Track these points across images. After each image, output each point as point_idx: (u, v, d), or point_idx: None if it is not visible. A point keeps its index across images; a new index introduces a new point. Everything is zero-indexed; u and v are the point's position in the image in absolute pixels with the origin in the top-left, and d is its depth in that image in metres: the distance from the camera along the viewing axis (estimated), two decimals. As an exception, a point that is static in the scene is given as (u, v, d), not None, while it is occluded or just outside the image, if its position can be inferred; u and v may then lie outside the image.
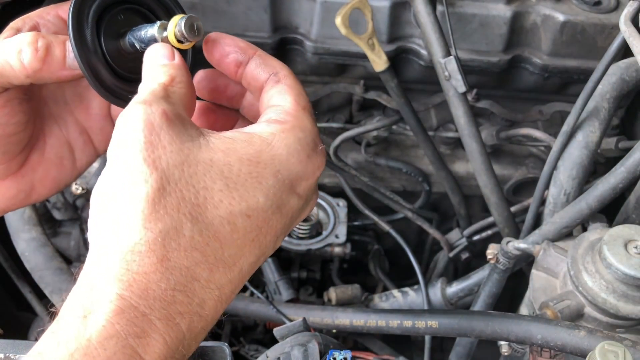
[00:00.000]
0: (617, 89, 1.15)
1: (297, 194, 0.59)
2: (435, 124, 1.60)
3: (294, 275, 1.60)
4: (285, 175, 0.58)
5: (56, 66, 0.65)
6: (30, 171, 0.75)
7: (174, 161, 0.53)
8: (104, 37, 0.66)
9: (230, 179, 0.55)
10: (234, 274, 0.55)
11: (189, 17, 0.63)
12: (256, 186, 0.56)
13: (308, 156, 0.60)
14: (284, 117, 0.61)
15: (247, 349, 1.57)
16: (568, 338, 0.91)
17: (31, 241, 1.26)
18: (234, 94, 0.72)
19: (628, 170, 1.03)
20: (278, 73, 0.65)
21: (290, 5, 1.44)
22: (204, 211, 0.53)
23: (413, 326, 1.10)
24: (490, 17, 1.40)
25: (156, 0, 0.71)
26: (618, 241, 0.92)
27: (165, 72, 0.61)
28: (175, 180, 0.53)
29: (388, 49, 1.42)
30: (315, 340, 1.06)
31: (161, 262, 0.51)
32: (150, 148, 0.53)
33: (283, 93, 0.63)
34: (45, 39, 0.65)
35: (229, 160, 0.55)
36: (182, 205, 0.52)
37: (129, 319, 0.49)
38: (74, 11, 0.64)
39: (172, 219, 0.52)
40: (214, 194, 0.54)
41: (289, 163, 0.58)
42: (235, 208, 0.54)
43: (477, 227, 1.52)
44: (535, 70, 1.47)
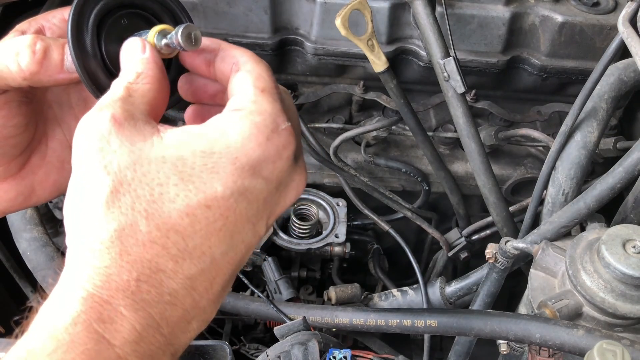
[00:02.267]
0: (615, 90, 1.16)
1: (263, 177, 0.58)
2: (434, 125, 1.60)
3: (294, 275, 1.60)
4: (244, 162, 0.57)
5: (54, 69, 0.66)
6: (31, 174, 0.75)
7: (125, 163, 0.55)
8: (106, 41, 0.66)
9: (185, 172, 0.55)
10: (205, 264, 0.56)
11: (187, 25, 0.63)
12: (213, 176, 0.56)
13: (267, 138, 0.58)
14: (241, 104, 0.60)
15: (248, 347, 1.58)
16: (566, 337, 0.91)
17: (33, 241, 1.27)
18: (214, 92, 0.72)
19: (626, 170, 1.04)
20: (237, 61, 0.65)
21: (291, 7, 1.45)
22: (161, 206, 0.54)
23: (412, 325, 1.11)
24: (489, 18, 1.41)
25: (161, 5, 0.71)
26: (616, 241, 0.92)
27: (132, 68, 0.62)
28: (129, 181, 0.54)
29: (387, 50, 1.43)
30: (315, 339, 1.06)
31: (120, 256, 0.53)
32: (100, 154, 0.55)
33: (241, 80, 0.63)
34: (44, 41, 0.65)
35: (181, 154, 0.56)
36: (136, 204, 0.54)
37: (92, 306, 0.51)
38: (74, 15, 0.64)
39: (127, 217, 0.53)
40: (169, 189, 0.55)
41: (246, 148, 0.57)
42: (193, 200, 0.55)
43: (476, 226, 1.52)
44: (534, 70, 1.48)
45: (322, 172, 1.57)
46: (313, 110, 1.61)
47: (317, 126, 1.54)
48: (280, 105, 0.61)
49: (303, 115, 1.52)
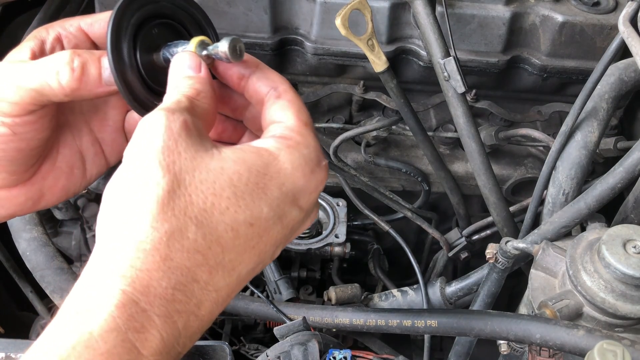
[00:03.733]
0: (615, 90, 1.16)
1: (299, 206, 0.62)
2: (434, 124, 1.60)
3: (294, 275, 1.60)
4: (289, 189, 0.60)
5: (93, 84, 0.67)
6: (41, 179, 0.75)
7: (187, 167, 0.56)
8: (140, 51, 0.68)
9: (238, 188, 0.57)
10: (232, 278, 0.58)
11: (233, 38, 0.64)
12: (261, 196, 0.58)
13: (312, 171, 0.62)
14: (288, 134, 0.63)
15: (248, 348, 1.58)
16: (567, 337, 0.91)
17: (32, 241, 1.27)
18: (237, 106, 0.74)
19: (626, 170, 1.04)
20: (278, 88, 0.67)
21: (290, 6, 1.45)
22: (210, 216, 0.55)
23: (412, 325, 1.11)
24: (489, 17, 1.41)
25: (189, 16, 0.72)
26: (617, 241, 0.92)
27: (192, 85, 0.64)
28: (186, 185, 0.55)
29: (387, 50, 1.43)
30: (315, 340, 1.06)
31: (164, 261, 0.53)
32: (166, 152, 0.56)
33: (285, 109, 0.66)
34: (81, 57, 0.66)
35: (238, 169, 0.58)
36: (189, 209, 0.55)
37: (130, 313, 0.51)
38: (112, 27, 0.64)
39: (178, 221, 0.54)
40: (221, 201, 0.56)
41: (293, 177, 0.60)
42: (240, 216, 0.57)
43: (476, 226, 1.52)
44: (534, 70, 1.48)
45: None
46: (313, 110, 1.60)
47: (317, 126, 1.54)
48: (318, 140, 0.66)
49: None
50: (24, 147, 0.70)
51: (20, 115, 0.67)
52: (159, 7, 0.69)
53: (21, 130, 0.68)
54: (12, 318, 1.73)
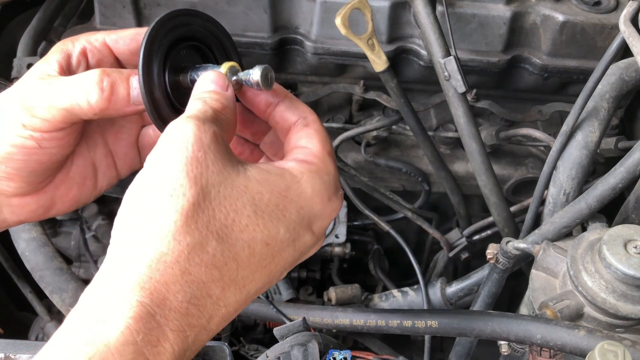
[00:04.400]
0: (616, 89, 1.15)
1: (313, 231, 0.63)
2: (434, 124, 1.60)
3: (293, 275, 1.60)
4: (307, 212, 0.61)
5: (121, 103, 0.68)
6: (53, 188, 0.76)
7: (213, 181, 0.56)
8: (170, 70, 0.69)
9: (259, 207, 0.58)
10: (242, 295, 0.58)
11: (265, 67, 0.66)
12: (280, 218, 0.59)
13: (329, 198, 0.64)
14: (312, 159, 0.65)
15: (247, 348, 1.58)
16: (567, 338, 0.91)
17: (31, 241, 1.26)
18: (257, 130, 0.76)
19: (627, 170, 1.04)
20: (307, 117, 0.69)
21: (290, 6, 1.45)
22: (230, 232, 0.56)
23: (413, 326, 1.11)
24: (489, 17, 1.41)
25: (218, 41, 0.74)
26: (617, 241, 0.92)
27: (218, 99, 0.64)
28: (211, 199, 0.55)
29: (388, 49, 1.43)
30: (315, 340, 1.06)
31: (182, 274, 0.53)
32: (194, 163, 0.56)
33: (311, 136, 0.67)
34: (110, 77, 0.67)
35: (261, 190, 0.59)
36: (211, 223, 0.55)
37: (146, 327, 0.51)
38: (145, 48, 0.65)
39: (201, 235, 0.54)
40: (242, 218, 0.57)
41: (312, 202, 0.62)
42: (258, 235, 0.58)
43: (477, 227, 1.52)
44: (535, 70, 1.47)
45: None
46: (313, 110, 1.60)
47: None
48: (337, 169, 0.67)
49: (303, 115, 1.52)
50: (46, 160, 0.71)
51: (50, 132, 0.68)
52: (191, 30, 0.71)
53: (47, 145, 0.69)
54: (11, 318, 1.73)
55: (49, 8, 1.50)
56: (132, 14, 1.44)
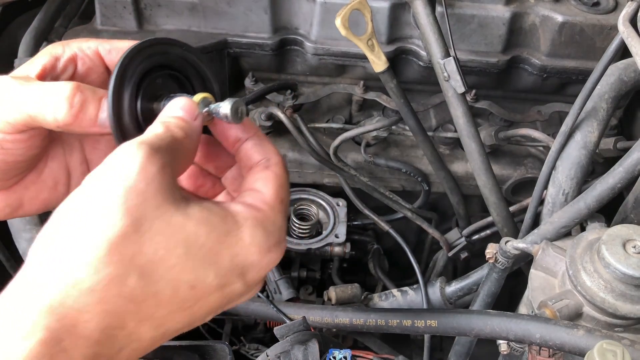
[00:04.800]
0: (615, 90, 1.16)
1: (245, 280, 0.60)
2: (434, 125, 1.60)
3: (294, 275, 1.60)
4: (241, 261, 0.59)
5: (87, 123, 0.65)
6: (22, 189, 0.74)
7: (149, 214, 0.54)
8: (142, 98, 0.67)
9: (192, 249, 0.56)
10: (158, 332, 0.56)
11: (236, 101, 0.65)
12: (212, 262, 0.57)
13: (268, 250, 0.61)
14: (260, 205, 0.62)
15: (248, 348, 1.58)
16: (567, 337, 0.91)
17: (32, 241, 1.25)
18: (221, 164, 0.74)
19: (626, 170, 1.04)
20: (270, 159, 0.67)
21: (290, 6, 1.45)
22: (155, 269, 0.54)
23: (412, 325, 1.11)
24: (489, 18, 1.41)
25: (196, 71, 0.73)
26: (616, 241, 0.92)
27: (183, 127, 0.62)
28: (142, 232, 0.53)
29: (387, 50, 1.43)
30: (315, 339, 1.06)
31: (97, 304, 0.51)
32: (133, 193, 0.54)
33: (268, 180, 0.65)
34: (83, 94, 0.65)
35: (198, 231, 0.56)
36: (137, 257, 0.53)
37: (52, 352, 0.49)
38: (117, 74, 0.64)
39: (123, 267, 0.52)
40: (171, 257, 0.54)
41: (248, 251, 0.59)
42: (185, 277, 0.55)
43: (476, 226, 1.52)
44: (534, 70, 1.48)
45: (322, 172, 1.57)
46: (313, 110, 1.61)
47: (317, 126, 1.54)
48: (286, 220, 0.65)
49: (303, 115, 1.52)
50: (10, 161, 0.69)
51: (11, 133, 0.66)
52: (167, 58, 0.70)
53: (10, 147, 0.67)
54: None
55: (50, 8, 1.50)
56: (133, 15, 1.44)
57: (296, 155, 1.55)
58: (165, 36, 1.46)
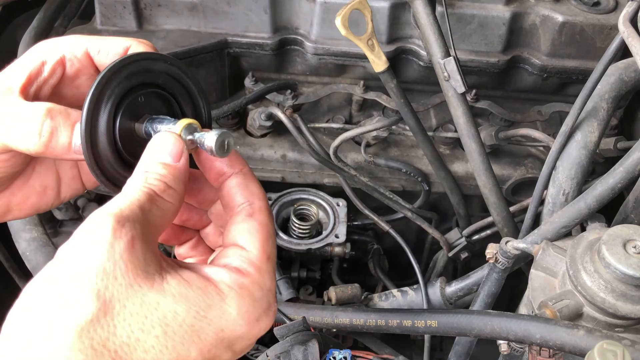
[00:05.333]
0: (615, 90, 1.16)
1: (233, 350, 0.57)
2: (434, 124, 1.60)
3: (294, 275, 1.60)
4: (227, 335, 0.56)
5: (60, 150, 0.63)
6: (9, 194, 0.72)
7: (119, 295, 0.51)
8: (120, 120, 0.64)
9: (171, 327, 0.53)
10: None
11: (223, 133, 0.60)
12: (194, 340, 0.54)
13: (257, 319, 0.58)
14: (246, 269, 0.59)
15: (248, 348, 1.57)
16: (567, 337, 0.91)
17: (32, 241, 1.27)
18: (205, 199, 0.71)
19: (627, 170, 1.04)
20: (253, 204, 0.63)
21: (291, 6, 1.45)
22: (132, 352, 0.51)
23: (412, 325, 1.11)
24: (489, 17, 1.41)
25: (182, 86, 0.68)
26: (617, 241, 0.92)
27: (163, 176, 0.59)
28: (114, 315, 0.51)
29: (387, 50, 1.43)
30: (315, 340, 1.06)
31: None
32: (101, 274, 0.51)
33: (253, 233, 0.61)
34: (54, 121, 0.62)
35: (175, 308, 0.53)
36: (110, 341, 0.50)
37: None
38: (91, 100, 0.60)
39: (95, 353, 0.49)
40: (148, 338, 0.52)
41: (235, 324, 0.56)
42: (165, 357, 0.52)
43: (476, 226, 1.52)
44: (534, 70, 1.48)
45: (322, 172, 1.57)
46: (313, 110, 1.61)
47: (317, 126, 1.54)
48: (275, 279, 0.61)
49: (303, 115, 1.52)
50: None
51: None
52: (149, 75, 0.65)
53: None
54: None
55: (49, 8, 1.51)
56: (133, 15, 1.44)
57: (296, 155, 1.55)
58: (166, 35, 1.46)
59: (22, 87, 0.65)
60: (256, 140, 1.57)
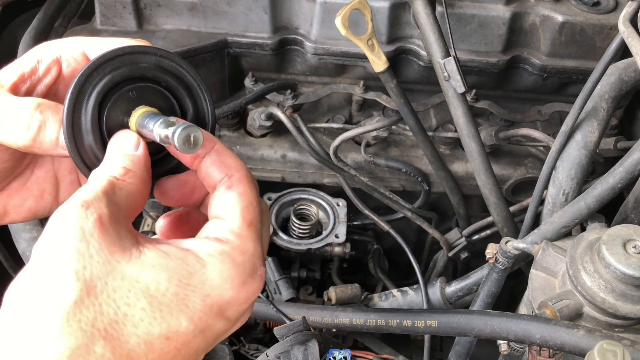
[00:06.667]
0: (615, 89, 1.16)
1: (226, 318, 0.57)
2: (434, 124, 1.60)
3: (294, 275, 1.60)
4: (215, 301, 0.55)
5: (48, 145, 0.63)
6: (6, 197, 0.72)
7: (99, 272, 0.51)
8: (109, 116, 0.63)
9: (155, 298, 0.52)
10: None
11: (188, 127, 0.58)
12: (182, 308, 0.53)
13: (243, 283, 0.57)
14: (226, 236, 0.58)
15: (248, 348, 1.58)
16: (567, 337, 0.91)
17: (32, 241, 1.26)
18: (200, 198, 0.70)
19: (626, 170, 1.04)
20: (232, 176, 0.62)
21: (291, 6, 1.45)
22: (122, 328, 0.50)
23: (412, 325, 1.11)
24: (489, 17, 1.41)
25: (176, 77, 0.67)
26: (617, 241, 0.92)
27: (121, 163, 0.60)
28: (97, 293, 0.50)
29: (387, 50, 1.43)
30: (315, 340, 1.06)
31: None
32: (76, 255, 0.51)
33: (232, 204, 0.61)
34: (43, 115, 0.62)
35: (157, 278, 0.53)
36: (98, 320, 0.50)
37: None
38: (72, 94, 0.60)
39: (85, 334, 0.49)
40: (135, 312, 0.51)
41: (220, 289, 0.55)
42: (155, 329, 0.52)
43: (476, 226, 1.52)
44: (534, 70, 1.48)
45: (322, 172, 1.57)
46: (313, 110, 1.61)
47: (317, 126, 1.54)
48: (261, 245, 0.60)
49: (303, 115, 1.52)
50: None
51: None
52: (139, 68, 0.64)
53: None
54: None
55: (49, 8, 1.51)
56: (133, 15, 1.44)
57: (296, 155, 1.55)
58: (166, 35, 1.46)
59: (13, 84, 0.65)
60: (256, 140, 1.57)
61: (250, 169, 1.74)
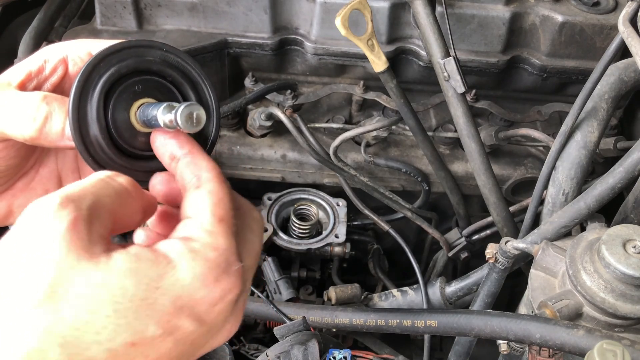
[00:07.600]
0: (615, 90, 1.16)
1: (198, 319, 0.54)
2: (434, 124, 1.60)
3: (294, 275, 1.60)
4: (185, 302, 0.53)
5: (54, 137, 0.62)
6: (11, 197, 0.72)
7: (62, 278, 0.49)
8: (115, 109, 0.63)
9: (121, 304, 0.50)
10: None
11: (189, 105, 0.59)
12: (149, 313, 0.51)
13: (216, 279, 0.54)
14: (195, 234, 0.56)
15: (248, 348, 1.57)
16: (567, 337, 0.91)
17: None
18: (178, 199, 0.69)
19: (626, 170, 1.04)
20: (200, 177, 0.61)
21: (290, 6, 1.45)
22: (82, 335, 0.49)
23: (412, 325, 1.11)
24: (489, 17, 1.41)
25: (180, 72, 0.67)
26: (616, 241, 0.92)
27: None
28: (57, 298, 0.48)
29: (387, 50, 1.43)
30: (315, 339, 1.06)
31: None
32: (41, 258, 0.49)
33: (200, 202, 0.59)
34: (49, 106, 0.62)
35: (125, 283, 0.51)
36: (56, 327, 0.48)
37: None
38: (78, 84, 0.60)
39: (39, 340, 0.47)
40: (97, 319, 0.49)
41: (191, 288, 0.53)
42: (119, 336, 0.50)
43: (476, 226, 1.52)
44: (534, 70, 1.48)
45: (322, 172, 1.57)
46: (313, 110, 1.61)
47: (317, 126, 1.54)
48: (234, 241, 0.58)
49: (303, 115, 1.52)
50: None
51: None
52: (144, 62, 0.64)
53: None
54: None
55: (49, 9, 1.51)
56: (133, 15, 1.44)
57: (296, 155, 1.55)
58: (166, 35, 1.46)
59: (21, 82, 0.66)
60: (256, 140, 1.57)
61: (250, 169, 1.74)
